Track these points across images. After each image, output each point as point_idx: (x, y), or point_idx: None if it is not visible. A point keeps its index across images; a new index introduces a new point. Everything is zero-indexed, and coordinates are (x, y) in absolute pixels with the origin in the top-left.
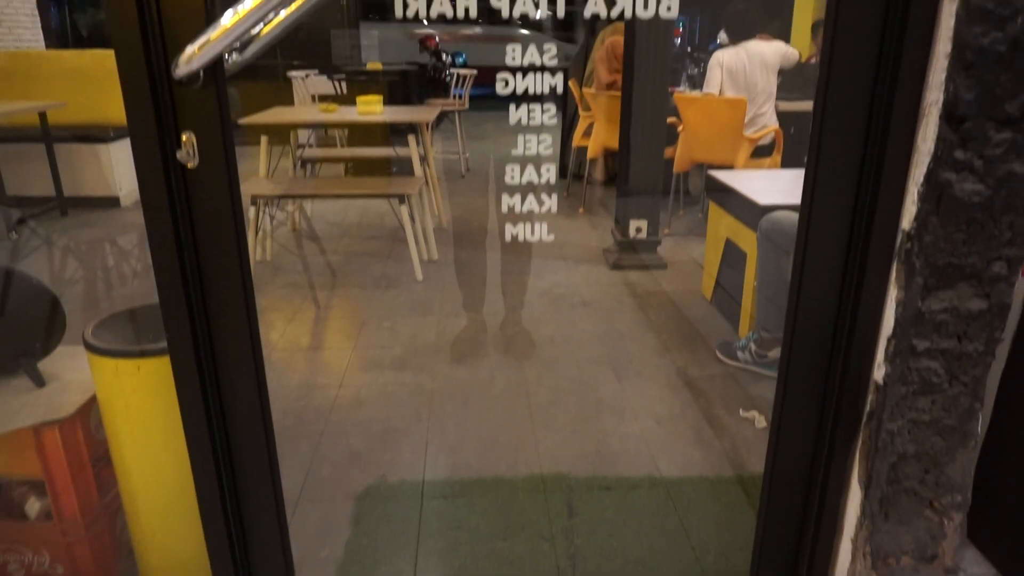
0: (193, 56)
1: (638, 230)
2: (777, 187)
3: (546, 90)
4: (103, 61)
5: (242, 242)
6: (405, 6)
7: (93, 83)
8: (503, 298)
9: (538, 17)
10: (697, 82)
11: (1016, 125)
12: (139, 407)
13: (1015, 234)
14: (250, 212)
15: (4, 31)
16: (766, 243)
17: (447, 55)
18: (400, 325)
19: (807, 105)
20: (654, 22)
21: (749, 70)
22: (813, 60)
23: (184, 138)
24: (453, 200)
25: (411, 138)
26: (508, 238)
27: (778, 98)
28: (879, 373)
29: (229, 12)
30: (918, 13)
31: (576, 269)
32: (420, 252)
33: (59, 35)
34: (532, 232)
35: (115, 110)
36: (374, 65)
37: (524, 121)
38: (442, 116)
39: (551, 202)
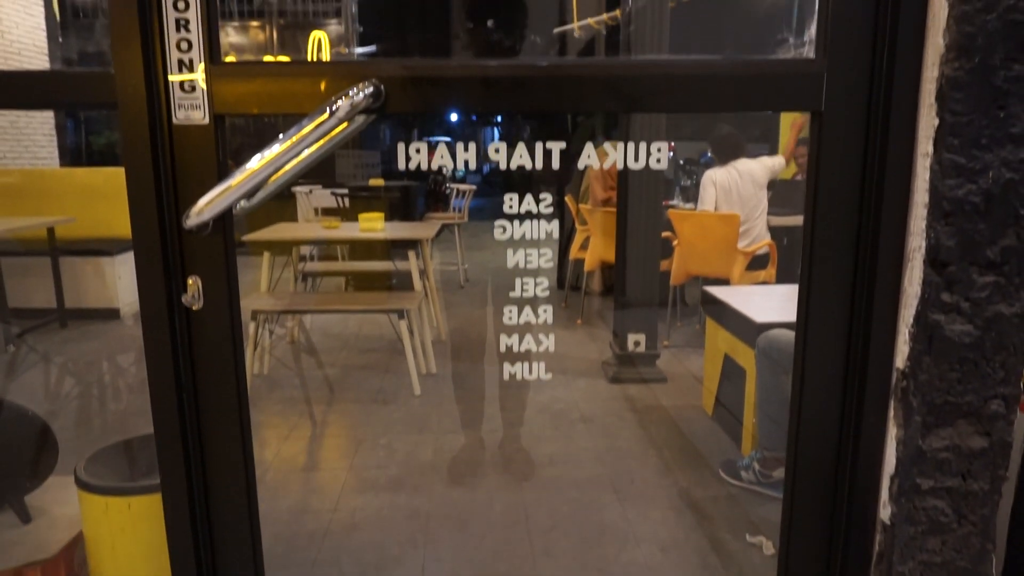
0: (204, 209)
1: (636, 344)
2: (773, 303)
3: (542, 235)
4: (114, 178)
5: (241, 384)
6: (408, 159)
7: (103, 199)
8: (501, 414)
9: (534, 168)
10: (691, 195)
11: (998, 269)
12: (127, 545)
13: (1008, 373)
14: (250, 327)
15: (22, 149)
16: (764, 361)
17: (447, 170)
18: (397, 443)
19: (798, 219)
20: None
21: (741, 187)
22: (799, 177)
23: (190, 282)
24: (451, 311)
25: (411, 254)
26: (504, 349)
27: (769, 212)
28: (885, 513)
29: (240, 169)
30: (895, 166)
31: (575, 383)
32: (418, 366)
33: (74, 153)
34: (531, 345)
35: (122, 225)
36: (376, 181)
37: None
38: (442, 228)
39: (548, 314)
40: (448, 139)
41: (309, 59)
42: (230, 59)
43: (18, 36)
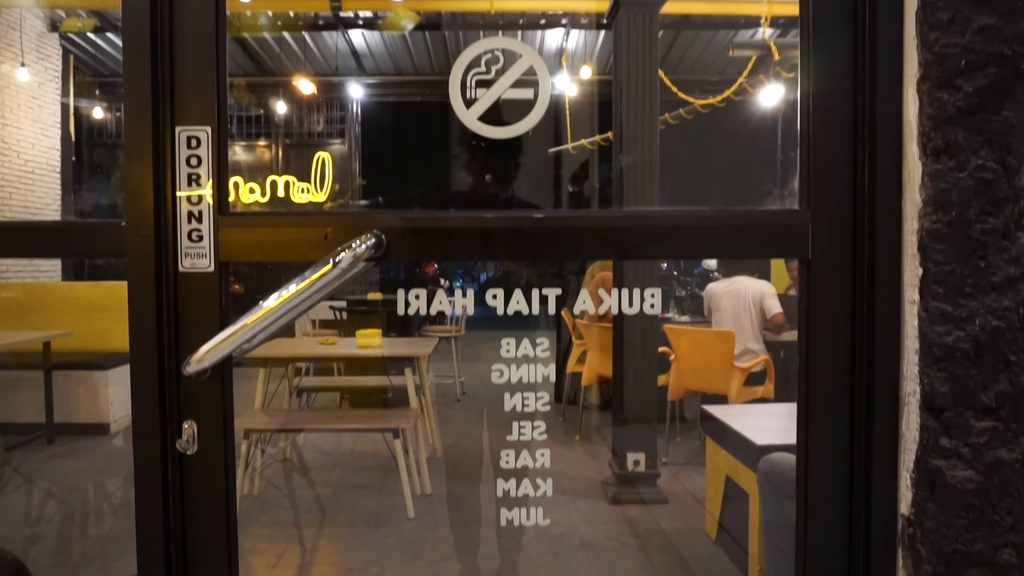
0: (204, 357)
1: (636, 463)
2: (773, 424)
3: (539, 379)
4: (115, 292)
5: (232, 533)
6: (407, 304)
7: (102, 313)
8: (498, 539)
9: (531, 314)
10: (686, 307)
11: (995, 414)
12: None
13: (1016, 520)
14: (242, 447)
15: (25, 262)
16: (767, 485)
17: (445, 281)
18: (389, 571)
19: (792, 335)
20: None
21: (737, 302)
22: (792, 291)
23: (185, 426)
24: (447, 427)
25: (408, 371)
26: (502, 493)
27: (764, 328)
28: None
29: (242, 317)
30: (884, 313)
31: (574, 504)
32: (413, 486)
33: (77, 266)
34: (528, 463)
35: (119, 338)
36: (374, 295)
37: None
38: (439, 340)
39: (543, 428)
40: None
41: (313, 177)
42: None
43: (33, 156)
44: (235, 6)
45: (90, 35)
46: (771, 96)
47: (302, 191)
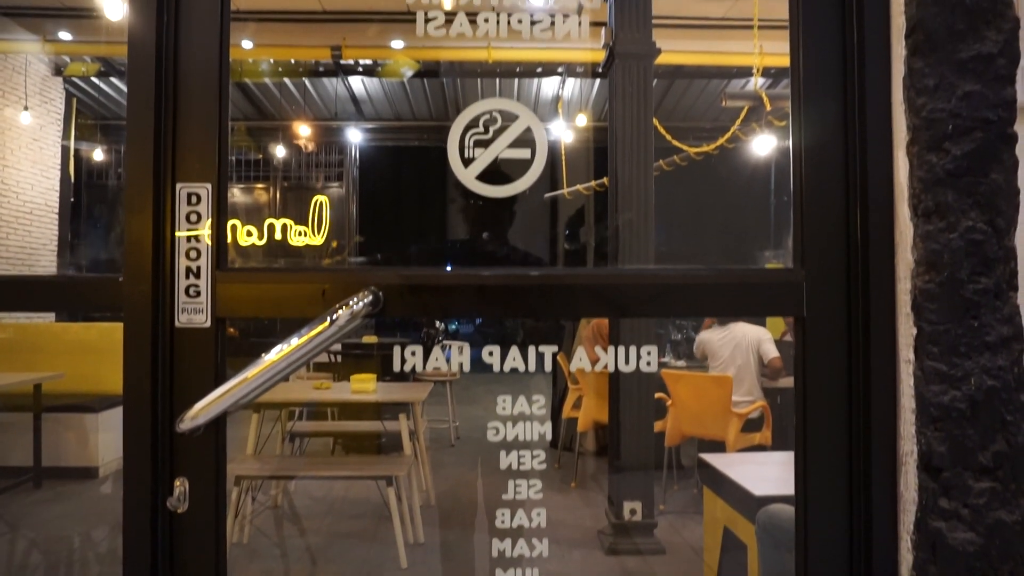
0: (198, 414)
1: (632, 512)
2: (771, 474)
3: (535, 436)
4: (110, 334)
5: None
6: (403, 361)
7: (95, 353)
8: None
9: (527, 372)
10: (682, 351)
11: (993, 475)
12: None
13: None
14: (233, 494)
15: None
16: (766, 538)
17: (441, 324)
18: None
19: (789, 381)
20: None
21: (735, 349)
22: (788, 337)
23: (177, 483)
24: (441, 473)
25: (402, 417)
26: (496, 553)
27: (761, 374)
28: None
29: (238, 375)
30: (880, 372)
31: (570, 555)
32: (406, 535)
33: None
34: (523, 521)
35: (112, 380)
36: (369, 338)
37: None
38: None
39: (541, 481)
40: None
41: (310, 220)
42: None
43: (32, 197)
44: (237, 53)
45: (93, 79)
46: (764, 145)
47: (299, 234)
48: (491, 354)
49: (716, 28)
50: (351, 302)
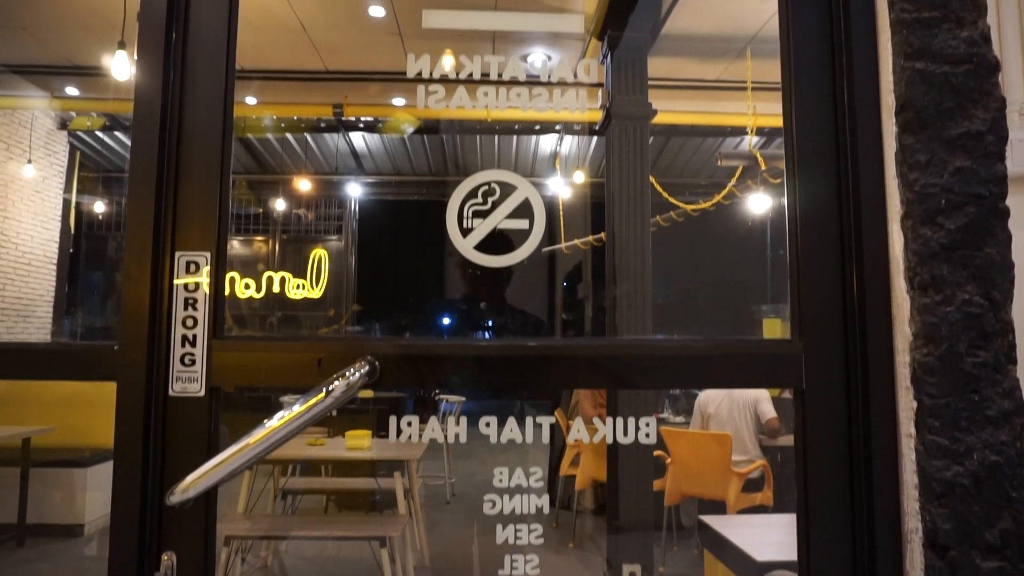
0: (189, 487)
1: (632, 575)
2: (773, 537)
3: (532, 510)
4: (103, 386)
5: None
6: (399, 431)
7: (87, 406)
8: None
9: (526, 440)
10: (680, 406)
11: (1001, 553)
12: None
13: None
14: (222, 555)
15: None
16: None
17: None
18: None
19: (789, 439)
20: None
21: (732, 409)
22: (785, 394)
23: (164, 558)
24: (436, 531)
25: (397, 475)
26: None
27: (760, 432)
28: None
29: (231, 447)
30: (881, 446)
31: None
32: None
33: None
34: None
35: (103, 434)
36: (365, 392)
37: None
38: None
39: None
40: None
41: (309, 273)
42: (232, 271)
43: (31, 248)
44: (241, 109)
45: (98, 133)
46: (759, 203)
47: (297, 287)
48: (488, 425)
49: (710, 89)
50: (347, 373)
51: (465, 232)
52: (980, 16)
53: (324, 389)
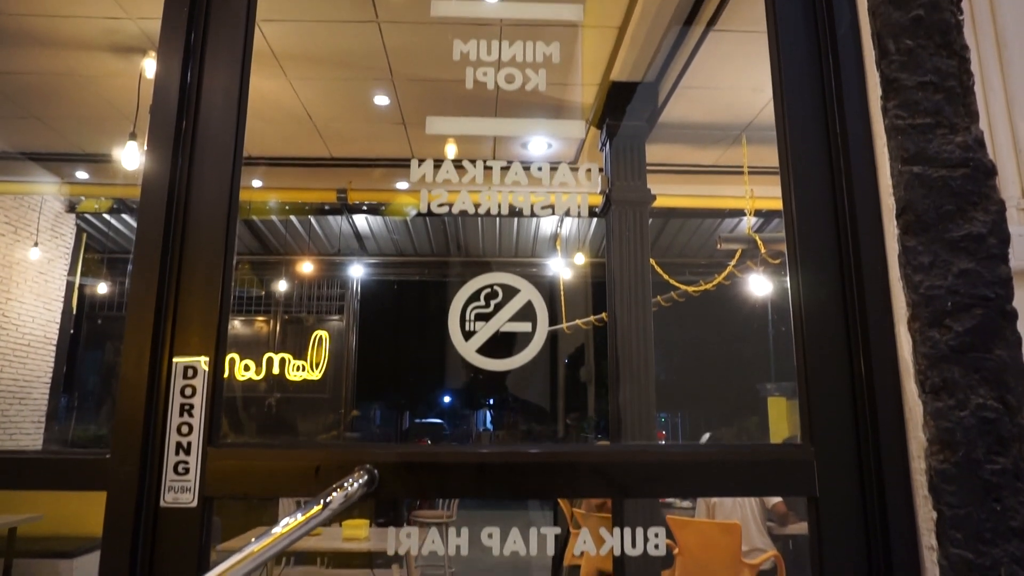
0: None
1: None
2: None
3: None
4: None
5: None
6: (398, 543)
7: (76, 492)
8: None
9: (530, 552)
10: None
11: None
12: None
13: None
14: None
15: (6, 436)
16: None
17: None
18: None
19: (801, 527)
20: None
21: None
22: None
23: None
24: None
25: (395, 567)
26: None
27: (768, 520)
28: None
29: (223, 562)
30: (902, 562)
31: None
32: None
33: (59, 443)
34: None
35: (93, 521)
36: None
37: None
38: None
39: None
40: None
41: (309, 354)
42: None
43: (31, 329)
44: (246, 194)
45: (105, 215)
46: (760, 284)
47: (298, 369)
48: (490, 536)
49: (708, 174)
50: (345, 483)
51: (467, 335)
52: (972, 122)
53: (322, 501)
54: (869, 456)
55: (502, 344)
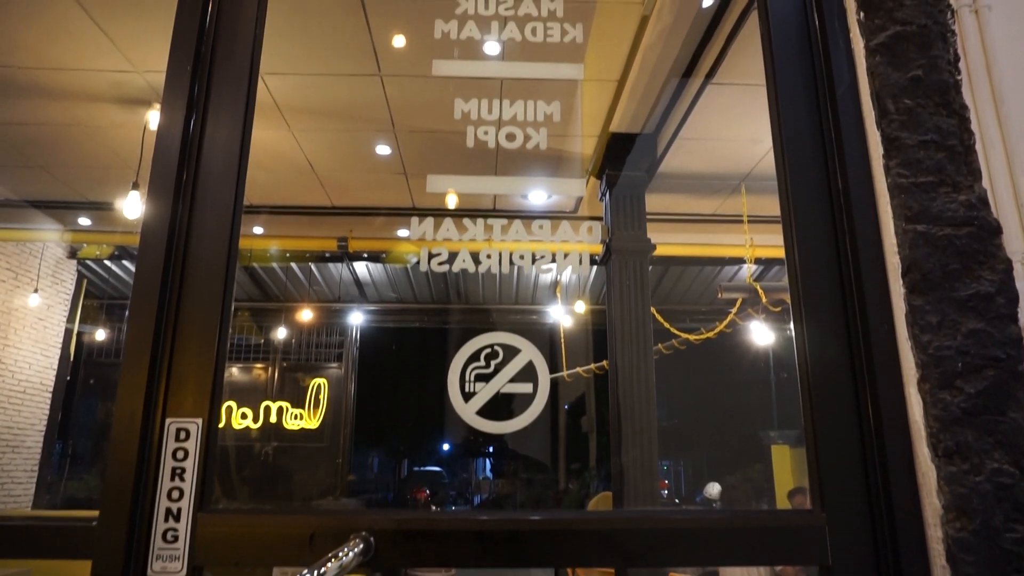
0: None
1: None
2: None
3: None
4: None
5: None
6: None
7: None
8: None
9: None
10: None
11: None
12: None
13: None
14: None
15: None
16: None
17: (435, 509)
18: None
19: None
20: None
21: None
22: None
23: None
24: None
25: None
26: None
27: None
28: None
29: None
30: None
31: None
32: None
33: (51, 494)
34: None
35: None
36: None
37: None
38: None
39: None
40: (438, 468)
41: (307, 402)
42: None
43: (28, 375)
44: (247, 241)
45: (106, 261)
46: (761, 331)
47: (295, 417)
48: None
49: (708, 222)
50: (340, 553)
51: (467, 396)
52: (975, 180)
53: (315, 572)
54: (883, 523)
55: (502, 404)
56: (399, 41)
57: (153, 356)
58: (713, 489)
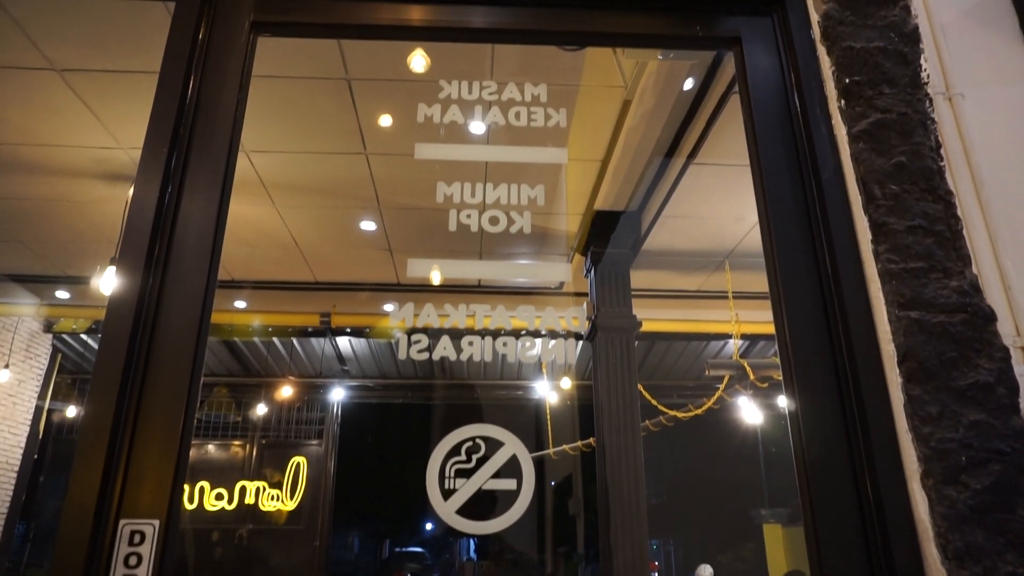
0: None
1: None
2: None
3: None
4: None
5: None
6: None
7: None
8: None
9: None
10: None
11: None
12: None
13: None
14: None
15: None
16: None
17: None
18: None
19: None
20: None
21: None
22: None
23: None
24: None
25: None
26: None
27: None
28: None
29: None
30: None
31: None
32: None
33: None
34: None
35: None
36: None
37: None
38: None
39: None
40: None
41: (285, 482)
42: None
43: None
44: (227, 316)
45: (82, 335)
46: (749, 408)
47: (272, 498)
48: None
49: (693, 299)
50: None
51: (447, 494)
52: (966, 266)
53: None
54: None
55: (485, 502)
56: (385, 121)
57: (111, 445)
58: (705, 571)
